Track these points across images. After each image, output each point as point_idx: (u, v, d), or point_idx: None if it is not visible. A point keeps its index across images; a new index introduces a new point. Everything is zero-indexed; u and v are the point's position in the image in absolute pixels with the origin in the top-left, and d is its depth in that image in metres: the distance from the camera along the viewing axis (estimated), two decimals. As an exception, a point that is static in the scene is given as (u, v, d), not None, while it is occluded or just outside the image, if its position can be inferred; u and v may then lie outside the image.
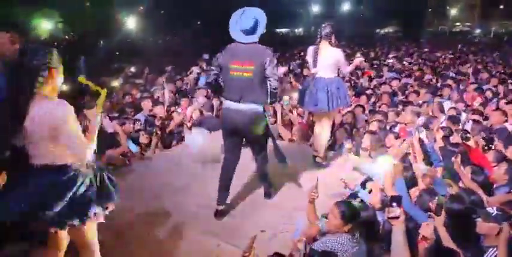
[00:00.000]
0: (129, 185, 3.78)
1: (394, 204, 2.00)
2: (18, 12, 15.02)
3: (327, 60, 3.86)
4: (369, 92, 7.77)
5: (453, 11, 46.80)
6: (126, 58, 13.38)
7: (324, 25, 3.93)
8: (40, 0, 16.65)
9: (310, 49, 4.01)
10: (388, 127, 5.28)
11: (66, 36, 20.11)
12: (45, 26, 18.20)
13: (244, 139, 3.35)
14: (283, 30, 36.91)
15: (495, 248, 2.29)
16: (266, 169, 3.50)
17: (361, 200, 3.15)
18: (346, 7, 37.41)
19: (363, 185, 3.42)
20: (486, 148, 4.27)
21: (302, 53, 15.14)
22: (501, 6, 43.45)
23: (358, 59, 4.31)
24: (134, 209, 3.32)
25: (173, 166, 4.42)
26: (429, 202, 2.72)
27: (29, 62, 1.86)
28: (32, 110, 1.84)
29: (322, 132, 4.22)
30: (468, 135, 4.63)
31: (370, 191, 3.20)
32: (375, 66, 12.14)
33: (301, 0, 31.89)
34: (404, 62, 13.27)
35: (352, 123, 5.43)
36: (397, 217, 2.00)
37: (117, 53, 15.85)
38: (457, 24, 46.89)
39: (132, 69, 10.11)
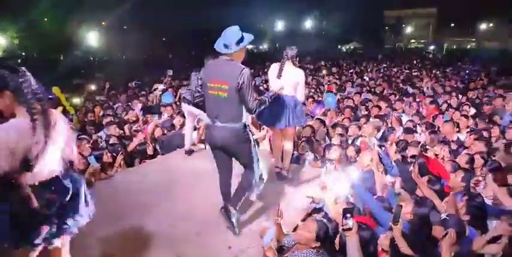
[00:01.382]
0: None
1: (348, 215, 2.06)
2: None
3: (290, 78, 3.93)
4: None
5: (408, 29, 49.76)
6: (88, 74, 13.06)
7: (290, 48, 4.03)
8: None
9: (274, 66, 4.06)
10: (350, 140, 5.44)
11: (23, 53, 19.38)
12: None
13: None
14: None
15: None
16: (245, 187, 3.22)
17: (326, 214, 3.21)
18: (308, 25, 38.79)
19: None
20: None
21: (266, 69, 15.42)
22: (452, 25, 46.80)
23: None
24: (95, 232, 3.17)
25: (137, 184, 4.30)
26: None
27: None
28: None
29: (285, 146, 4.26)
30: (427, 146, 4.89)
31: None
32: (338, 81, 12.58)
33: (266, 18, 32.72)
34: (365, 78, 13.82)
35: (311, 137, 5.54)
36: (350, 229, 2.06)
37: (78, 68, 15.45)
38: (413, 41, 49.77)
39: (93, 86, 9.85)
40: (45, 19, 19.44)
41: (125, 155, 4.93)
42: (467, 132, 5.69)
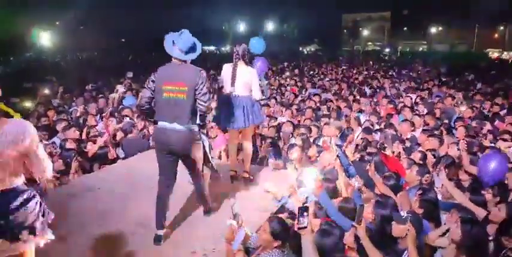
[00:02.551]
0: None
1: (305, 214, 2.10)
2: None
3: (245, 78, 3.92)
4: (295, 107, 8.13)
5: (365, 32, 51.68)
6: (40, 77, 12.36)
7: (237, 45, 3.99)
8: None
9: (227, 67, 4.02)
10: (312, 140, 5.53)
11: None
12: None
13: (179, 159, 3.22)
14: (211, 48, 37.24)
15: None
16: (201, 189, 3.44)
17: (290, 212, 3.24)
18: (270, 27, 39.27)
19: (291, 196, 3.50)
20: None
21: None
22: (405, 28, 49.18)
23: None
24: (51, 242, 3.00)
25: (96, 190, 4.13)
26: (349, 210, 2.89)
27: None
28: None
29: (244, 147, 4.25)
30: (385, 145, 5.08)
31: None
32: (299, 82, 12.78)
33: (227, 19, 32.70)
34: (327, 79, 14.14)
35: (275, 138, 5.58)
36: (305, 227, 2.10)
37: (30, 71, 14.60)
38: (369, 43, 51.68)
39: (46, 89, 9.32)
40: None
41: (81, 160, 4.72)
42: (423, 129, 5.97)
